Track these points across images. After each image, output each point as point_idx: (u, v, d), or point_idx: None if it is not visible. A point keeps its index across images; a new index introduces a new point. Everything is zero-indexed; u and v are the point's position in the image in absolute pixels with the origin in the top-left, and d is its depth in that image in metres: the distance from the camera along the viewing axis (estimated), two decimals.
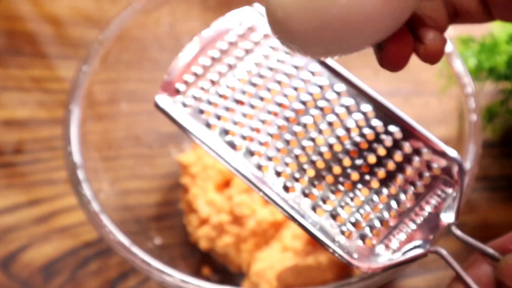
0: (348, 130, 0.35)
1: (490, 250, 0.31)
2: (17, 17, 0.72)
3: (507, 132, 0.60)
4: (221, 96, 0.35)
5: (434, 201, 0.34)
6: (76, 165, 0.45)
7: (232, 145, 0.34)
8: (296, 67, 0.35)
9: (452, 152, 0.34)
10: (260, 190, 0.34)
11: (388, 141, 0.35)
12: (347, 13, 0.25)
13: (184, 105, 0.35)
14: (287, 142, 0.34)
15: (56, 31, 0.72)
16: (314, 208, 0.34)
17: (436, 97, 0.52)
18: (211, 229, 0.52)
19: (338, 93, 0.35)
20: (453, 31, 0.66)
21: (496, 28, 0.57)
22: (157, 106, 0.35)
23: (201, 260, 0.56)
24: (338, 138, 0.35)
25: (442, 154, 0.34)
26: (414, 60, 0.53)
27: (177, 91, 0.35)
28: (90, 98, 0.49)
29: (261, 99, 0.35)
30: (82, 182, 0.45)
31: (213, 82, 0.35)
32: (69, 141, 0.46)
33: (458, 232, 0.33)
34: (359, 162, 0.34)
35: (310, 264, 0.49)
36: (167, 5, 0.53)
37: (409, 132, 0.35)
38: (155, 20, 0.54)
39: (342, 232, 0.33)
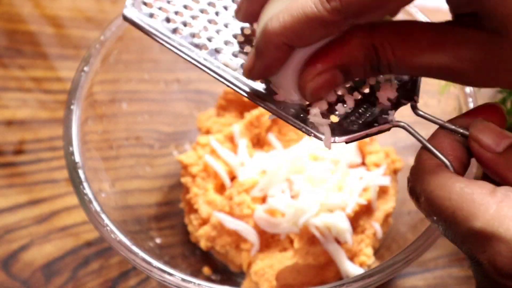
0: None
1: (452, 126, 0.34)
2: (18, 18, 0.73)
3: None
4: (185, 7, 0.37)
5: (396, 85, 0.35)
6: (77, 165, 0.45)
7: (197, 46, 0.36)
8: None
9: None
10: (228, 82, 0.36)
11: None
12: None
13: (151, 15, 0.36)
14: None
15: (57, 32, 0.72)
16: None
17: (436, 97, 0.52)
18: (211, 228, 0.52)
19: None
20: None
21: None
22: (125, 17, 0.36)
23: (201, 260, 0.56)
24: None
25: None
26: None
27: (144, 3, 0.37)
28: (90, 98, 0.50)
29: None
30: (83, 182, 0.45)
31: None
32: (70, 141, 0.46)
33: (418, 110, 0.35)
34: None
35: (309, 263, 0.50)
36: None
37: None
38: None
39: (307, 111, 0.34)
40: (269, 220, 0.51)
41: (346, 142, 0.35)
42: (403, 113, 0.36)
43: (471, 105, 0.47)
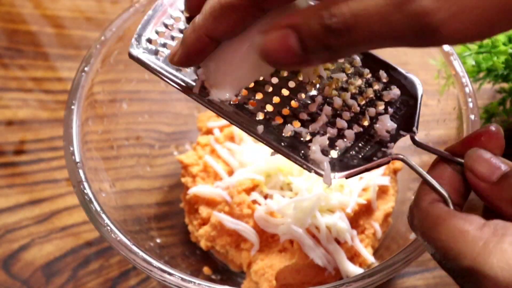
0: None
1: (450, 156, 0.34)
2: (19, 18, 0.73)
3: (505, 132, 0.60)
4: None
5: (396, 118, 0.36)
6: (77, 164, 0.46)
7: (203, 87, 0.37)
8: None
9: (409, 73, 0.37)
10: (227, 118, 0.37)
11: (349, 68, 0.38)
12: None
13: (156, 52, 0.37)
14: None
15: (58, 32, 0.72)
16: (281, 128, 0.36)
17: (435, 97, 0.52)
18: (211, 228, 0.52)
19: None
20: None
21: None
22: (131, 56, 0.37)
23: (201, 259, 0.56)
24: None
25: (401, 76, 0.37)
26: (413, 60, 0.54)
27: (149, 41, 0.38)
28: (91, 98, 0.50)
29: None
30: (83, 182, 0.45)
31: (181, 31, 0.38)
32: (70, 141, 0.46)
33: (417, 140, 0.36)
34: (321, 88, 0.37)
35: (309, 263, 0.50)
36: None
37: (370, 59, 0.38)
38: None
39: (308, 147, 0.35)
40: (269, 220, 0.51)
41: (346, 178, 0.35)
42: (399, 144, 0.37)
43: (471, 105, 0.47)
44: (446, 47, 0.49)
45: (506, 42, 0.55)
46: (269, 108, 0.37)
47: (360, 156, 0.36)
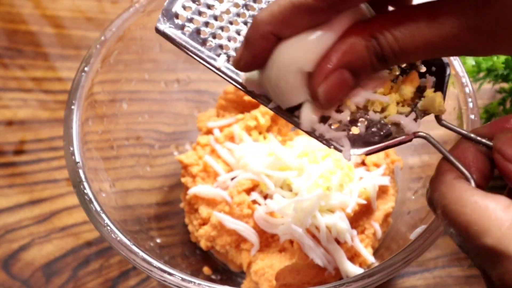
0: None
1: (476, 137, 0.34)
2: (19, 18, 0.73)
3: None
4: (215, 18, 0.38)
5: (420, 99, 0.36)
6: (77, 164, 0.46)
7: (227, 58, 0.37)
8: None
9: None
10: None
11: None
12: None
13: (183, 27, 0.37)
14: None
15: (58, 32, 0.72)
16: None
17: None
18: (211, 228, 0.52)
19: None
20: None
21: None
22: (157, 30, 0.37)
23: (201, 259, 0.56)
24: None
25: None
26: None
27: (176, 16, 0.37)
28: (91, 98, 0.50)
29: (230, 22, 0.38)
30: (83, 182, 0.45)
31: (208, 6, 0.38)
32: (70, 141, 0.46)
33: (443, 120, 0.36)
34: None
35: (309, 263, 0.50)
36: None
37: None
38: (155, 21, 0.54)
39: (329, 123, 0.35)
40: (269, 220, 0.51)
41: (366, 154, 0.35)
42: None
43: (471, 105, 0.47)
44: None
45: None
46: None
47: (382, 133, 0.35)
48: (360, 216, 0.52)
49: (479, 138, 0.33)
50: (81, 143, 0.47)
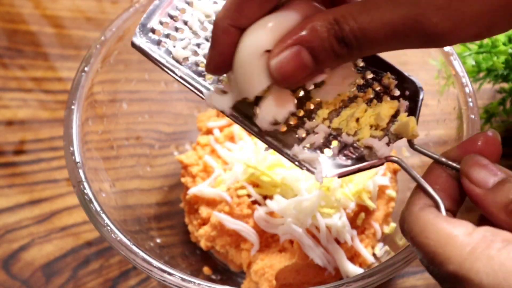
0: None
1: (446, 161, 0.34)
2: (19, 18, 0.73)
3: (504, 132, 0.61)
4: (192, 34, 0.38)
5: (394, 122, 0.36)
6: (77, 164, 0.45)
7: (201, 75, 0.37)
8: None
9: (411, 76, 0.37)
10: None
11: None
12: None
13: (159, 43, 0.38)
14: None
15: (58, 32, 0.72)
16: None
17: (435, 97, 0.52)
18: (211, 228, 0.52)
19: None
20: None
21: None
22: (133, 45, 0.38)
23: (201, 259, 0.56)
24: None
25: (402, 78, 0.37)
26: (413, 60, 0.54)
27: (153, 31, 0.38)
28: (91, 98, 0.50)
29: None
30: (83, 182, 0.45)
31: (185, 23, 0.38)
32: (70, 141, 0.46)
33: (415, 145, 0.36)
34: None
35: (309, 263, 0.50)
36: None
37: (372, 60, 0.38)
38: None
39: (302, 144, 0.35)
40: (269, 220, 0.51)
41: (338, 177, 0.36)
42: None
43: (471, 105, 0.47)
44: (446, 47, 0.49)
45: (506, 42, 0.55)
46: None
47: (355, 156, 0.36)
48: (360, 216, 0.52)
49: (449, 162, 0.34)
50: (81, 143, 0.47)
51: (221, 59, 0.34)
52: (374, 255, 0.52)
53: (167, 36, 0.38)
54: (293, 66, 0.32)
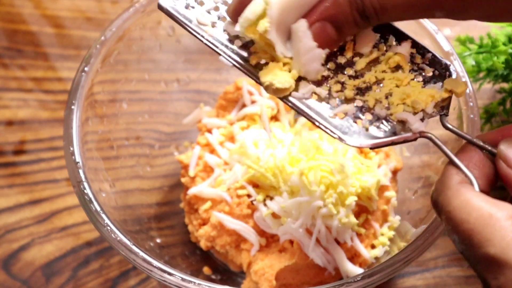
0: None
1: (480, 143, 0.34)
2: (19, 18, 0.73)
3: None
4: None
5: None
6: (77, 164, 0.45)
7: (231, 41, 0.37)
8: None
9: (444, 59, 0.38)
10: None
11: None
12: None
13: (186, 7, 0.37)
14: None
15: (58, 32, 0.72)
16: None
17: None
18: (211, 228, 0.52)
19: None
20: (451, 32, 0.67)
21: (494, 29, 0.58)
22: (160, 7, 0.37)
23: (201, 259, 0.56)
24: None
25: (437, 60, 0.38)
26: None
27: None
28: (91, 98, 0.50)
29: None
30: (83, 182, 0.45)
31: None
32: (70, 141, 0.46)
33: (447, 123, 0.36)
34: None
35: (309, 263, 0.50)
36: None
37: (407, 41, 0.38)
38: (155, 21, 0.54)
39: (335, 111, 0.36)
40: (269, 220, 0.51)
41: (371, 148, 0.35)
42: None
43: (471, 105, 0.47)
44: (446, 47, 0.49)
45: (506, 42, 0.55)
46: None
47: (388, 129, 0.35)
48: (360, 216, 0.52)
49: (483, 144, 0.33)
50: (81, 143, 0.47)
51: (241, 7, 0.35)
52: (374, 255, 0.52)
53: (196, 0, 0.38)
54: (319, 39, 0.35)
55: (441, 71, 0.37)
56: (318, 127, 0.35)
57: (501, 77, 0.57)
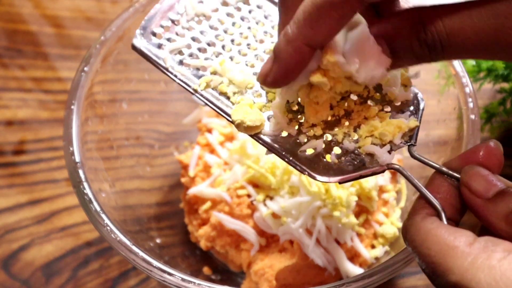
0: None
1: (448, 171, 0.34)
2: (18, 18, 0.73)
3: (505, 132, 0.61)
4: (194, 40, 0.39)
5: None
6: (77, 165, 0.45)
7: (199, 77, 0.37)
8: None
9: (412, 87, 0.37)
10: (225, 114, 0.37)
11: None
12: None
13: (160, 46, 0.38)
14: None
15: (57, 32, 0.72)
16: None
17: (436, 97, 0.52)
18: (211, 228, 0.52)
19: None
20: None
21: None
22: (133, 47, 0.38)
23: (201, 259, 0.56)
24: None
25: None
26: None
27: (154, 34, 0.38)
28: (91, 98, 0.50)
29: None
30: (83, 182, 0.45)
31: (185, 28, 0.39)
32: (70, 141, 0.46)
33: (415, 153, 0.36)
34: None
35: (309, 263, 0.50)
36: None
37: None
38: None
39: (304, 150, 0.35)
40: (269, 220, 0.51)
41: (340, 183, 0.35)
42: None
43: (471, 105, 0.47)
44: None
45: None
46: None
47: (356, 162, 0.36)
48: (360, 216, 0.52)
49: (450, 172, 0.34)
50: (81, 143, 0.47)
51: (284, 75, 0.32)
52: (374, 255, 0.52)
53: (168, 40, 0.38)
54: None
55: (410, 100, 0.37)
56: (288, 163, 0.36)
57: (502, 77, 0.57)
